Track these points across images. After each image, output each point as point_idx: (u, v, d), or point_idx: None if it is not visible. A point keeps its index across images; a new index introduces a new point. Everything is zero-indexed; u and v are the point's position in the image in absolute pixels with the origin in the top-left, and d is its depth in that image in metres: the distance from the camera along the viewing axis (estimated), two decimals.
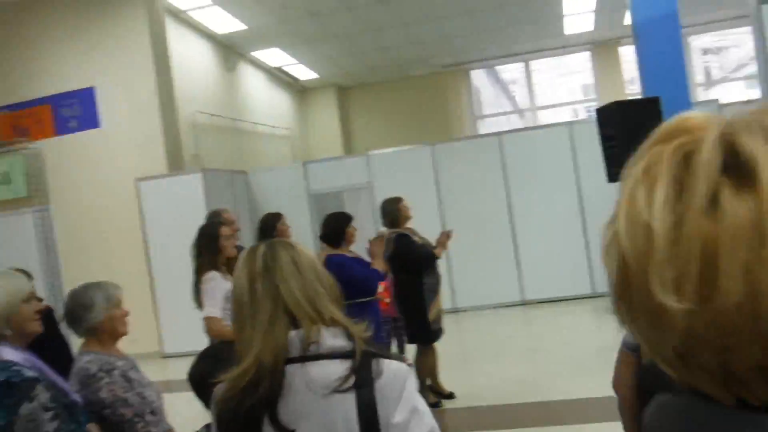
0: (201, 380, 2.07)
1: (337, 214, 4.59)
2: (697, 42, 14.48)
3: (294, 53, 12.71)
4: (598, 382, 5.59)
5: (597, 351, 6.55)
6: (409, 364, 1.54)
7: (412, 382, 1.50)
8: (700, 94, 13.77)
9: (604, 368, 5.46)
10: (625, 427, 1.81)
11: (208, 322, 3.68)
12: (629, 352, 1.70)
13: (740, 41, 14.76)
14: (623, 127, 5.69)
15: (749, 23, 14.10)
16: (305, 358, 1.46)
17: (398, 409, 1.43)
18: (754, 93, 13.70)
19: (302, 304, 1.50)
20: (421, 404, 1.47)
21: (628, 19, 12.64)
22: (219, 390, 1.48)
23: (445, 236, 5.11)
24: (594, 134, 8.78)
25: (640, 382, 1.63)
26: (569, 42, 14.05)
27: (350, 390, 1.42)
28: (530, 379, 5.82)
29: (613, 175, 6.02)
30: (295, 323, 1.49)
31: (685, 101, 7.16)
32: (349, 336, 1.50)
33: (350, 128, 15.61)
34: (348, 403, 1.43)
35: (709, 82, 14.82)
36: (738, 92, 14.06)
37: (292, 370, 1.44)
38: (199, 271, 3.86)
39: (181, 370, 2.56)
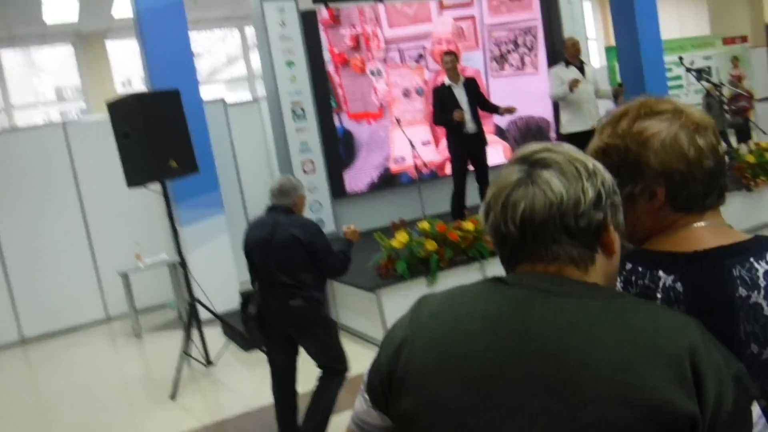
0: None
1: None
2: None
3: None
4: (138, 423, 4.95)
5: (127, 385, 5.78)
6: None
7: None
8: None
9: (141, 404, 4.65)
10: None
11: None
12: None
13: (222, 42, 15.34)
14: (141, 123, 4.99)
15: (237, 24, 14.64)
16: None
17: None
18: (241, 94, 14.38)
19: None
20: None
21: (117, 11, 11.96)
22: None
23: None
24: (89, 136, 7.91)
25: None
26: (49, 32, 12.54)
27: None
28: None
29: (134, 179, 5.25)
30: None
31: (195, 96, 6.88)
32: None
33: None
34: None
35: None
36: (217, 93, 14.23)
37: None
38: None
39: None
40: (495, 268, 5.51)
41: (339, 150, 8.41)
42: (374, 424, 1.13)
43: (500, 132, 9.27)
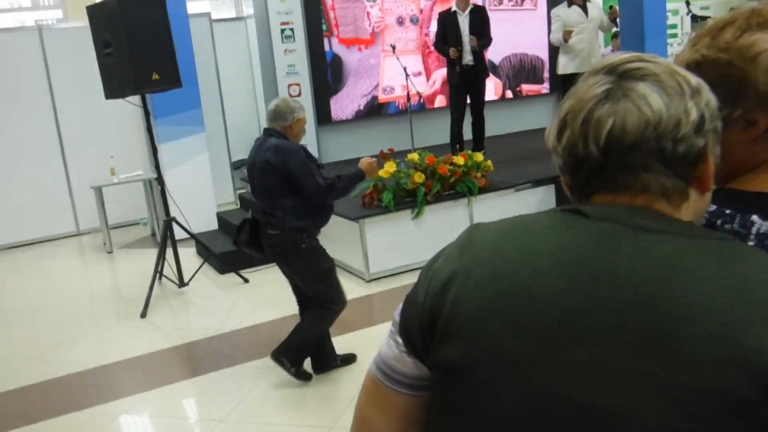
0: None
1: None
2: None
3: None
4: (105, 339, 4.85)
5: (95, 300, 5.65)
6: None
7: None
8: None
9: (108, 320, 4.51)
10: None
11: None
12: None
13: None
14: (123, 31, 4.68)
15: None
16: None
17: None
18: (223, 13, 13.88)
19: None
20: None
21: None
22: None
23: None
24: (66, 45, 7.56)
25: None
26: None
27: None
28: (11, 350, 4.62)
29: (113, 90, 4.97)
30: None
31: (181, 8, 6.57)
32: None
33: None
34: None
35: None
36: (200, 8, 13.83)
37: None
38: None
39: None
40: (483, 204, 5.39)
41: (327, 75, 8.14)
42: (406, 372, 0.96)
43: (492, 68, 9.03)
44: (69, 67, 7.52)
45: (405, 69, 6.70)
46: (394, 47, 7.44)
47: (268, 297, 5.11)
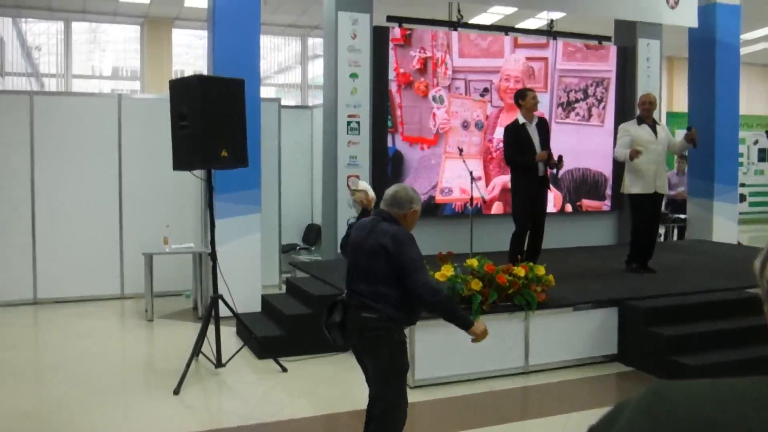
0: None
1: None
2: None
3: None
4: (133, 410, 4.68)
5: (129, 367, 5.52)
6: None
7: None
8: None
9: (139, 391, 4.36)
10: None
11: None
12: None
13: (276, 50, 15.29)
14: (201, 107, 4.75)
15: (300, 32, 14.57)
16: None
17: None
18: (289, 101, 14.27)
19: None
20: None
21: (189, 1, 11.95)
22: None
23: None
24: (141, 114, 7.82)
25: None
26: (120, 11, 12.57)
27: None
28: (39, 409, 4.48)
29: (181, 162, 5.00)
30: None
31: (255, 91, 6.74)
32: None
33: None
34: None
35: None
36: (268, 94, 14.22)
37: None
38: None
39: None
40: (540, 321, 5.17)
41: (387, 169, 8.16)
42: None
43: (554, 180, 8.95)
44: (140, 134, 7.75)
45: (471, 173, 6.65)
46: (461, 150, 7.43)
47: (306, 390, 4.90)
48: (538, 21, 12.77)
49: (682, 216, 10.20)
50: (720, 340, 5.19)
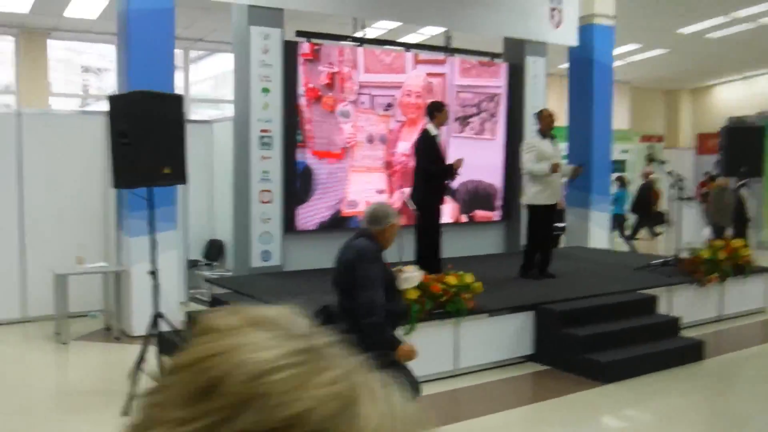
0: None
1: None
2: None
3: None
4: None
5: (67, 393, 5.35)
6: None
7: None
8: None
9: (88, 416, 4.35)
10: None
11: None
12: None
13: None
14: (143, 124, 4.73)
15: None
16: None
17: None
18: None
19: None
20: None
21: (70, 11, 11.43)
22: None
23: None
24: (45, 131, 7.47)
25: None
26: None
27: None
28: None
29: (121, 180, 4.95)
30: None
31: None
32: None
33: None
34: None
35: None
36: None
37: None
38: None
39: None
40: (469, 326, 5.56)
41: (296, 185, 8.30)
42: None
43: (451, 192, 9.46)
44: (42, 150, 7.42)
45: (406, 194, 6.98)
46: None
47: None
48: (419, 36, 13.22)
49: (560, 224, 11.05)
50: (625, 337, 5.83)
